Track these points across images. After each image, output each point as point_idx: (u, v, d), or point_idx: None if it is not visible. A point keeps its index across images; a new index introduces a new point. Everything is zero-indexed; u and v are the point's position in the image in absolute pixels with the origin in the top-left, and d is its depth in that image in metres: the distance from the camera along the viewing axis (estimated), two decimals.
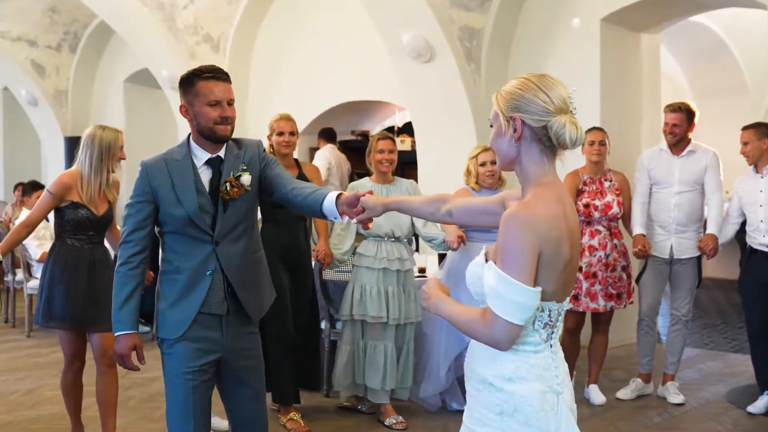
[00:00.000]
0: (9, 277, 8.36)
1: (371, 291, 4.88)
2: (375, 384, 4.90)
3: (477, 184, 5.03)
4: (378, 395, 4.95)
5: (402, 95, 8.02)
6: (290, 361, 4.85)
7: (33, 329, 7.92)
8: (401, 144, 8.80)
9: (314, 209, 2.87)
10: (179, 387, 3.00)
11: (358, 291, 4.91)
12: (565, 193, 2.13)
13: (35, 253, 7.65)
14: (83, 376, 4.50)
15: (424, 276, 5.52)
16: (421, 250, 6.71)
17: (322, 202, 2.82)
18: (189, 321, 2.99)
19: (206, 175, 3.03)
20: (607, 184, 5.40)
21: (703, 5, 7.32)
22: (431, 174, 7.41)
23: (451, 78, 7.03)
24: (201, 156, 3.04)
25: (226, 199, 3.00)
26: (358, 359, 4.95)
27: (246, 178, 3.00)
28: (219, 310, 3.04)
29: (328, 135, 9.33)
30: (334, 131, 9.44)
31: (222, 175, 3.01)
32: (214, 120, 2.97)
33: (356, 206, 2.69)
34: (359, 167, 9.34)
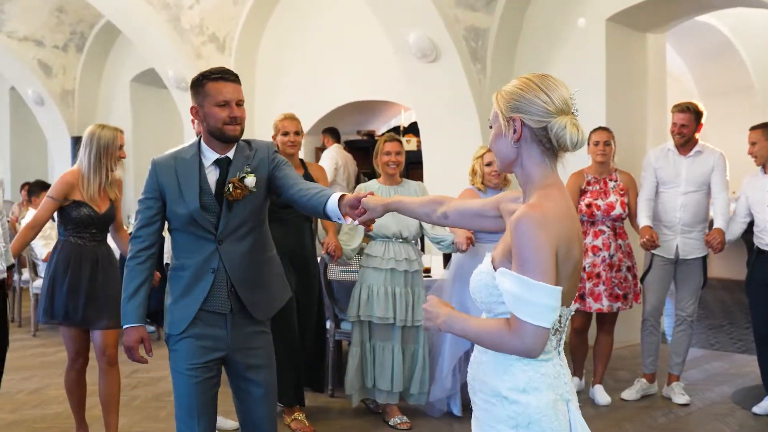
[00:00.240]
0: (15, 277, 8.35)
1: (378, 292, 4.86)
2: (383, 385, 4.90)
3: (483, 184, 5.00)
4: (385, 396, 4.94)
5: (407, 95, 8.02)
6: (296, 362, 4.84)
7: (39, 329, 7.95)
8: (407, 144, 8.79)
9: (318, 210, 2.89)
10: (183, 383, 3.06)
11: (366, 292, 4.90)
12: (568, 195, 2.09)
13: (41, 253, 7.67)
14: (88, 375, 4.52)
15: (429, 276, 5.51)
16: (427, 251, 6.71)
17: (326, 204, 2.85)
18: (190, 318, 3.05)
19: (213, 175, 3.07)
20: (612, 185, 5.39)
21: (709, 5, 7.29)
22: (437, 174, 7.39)
23: (457, 78, 7.03)
24: (210, 156, 3.08)
25: (230, 200, 3.02)
26: (367, 361, 4.93)
27: (250, 180, 3.02)
28: (222, 309, 3.08)
29: (334, 133, 9.34)
30: (338, 131, 9.45)
31: (228, 176, 3.04)
32: (223, 120, 3.01)
33: (358, 207, 2.70)
34: (365, 167, 9.35)
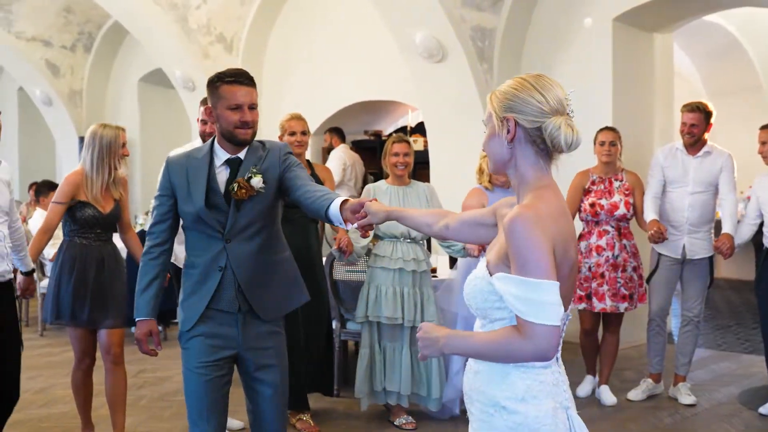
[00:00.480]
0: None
1: (386, 292, 4.82)
2: (391, 386, 4.88)
3: (490, 183, 4.96)
4: (393, 397, 4.93)
5: (414, 95, 8.01)
6: (297, 367, 4.73)
7: (46, 328, 7.97)
8: (414, 144, 8.77)
9: (320, 213, 2.89)
10: (193, 381, 3.09)
11: (374, 292, 4.87)
12: (563, 197, 2.06)
13: (49, 253, 7.67)
14: (95, 375, 4.53)
15: (435, 276, 5.50)
16: (433, 251, 6.70)
17: (328, 208, 2.84)
18: (198, 315, 3.07)
19: (224, 175, 3.10)
20: (617, 184, 5.37)
21: (717, 4, 7.27)
22: (444, 173, 7.40)
23: (464, 78, 7.02)
24: (222, 156, 3.11)
25: (236, 199, 3.03)
26: (377, 363, 4.89)
27: (256, 181, 3.03)
28: (230, 308, 3.09)
29: (339, 133, 9.33)
30: (343, 130, 9.44)
31: (238, 176, 3.06)
32: (234, 124, 3.03)
33: (359, 212, 2.70)
34: (372, 167, 9.34)
